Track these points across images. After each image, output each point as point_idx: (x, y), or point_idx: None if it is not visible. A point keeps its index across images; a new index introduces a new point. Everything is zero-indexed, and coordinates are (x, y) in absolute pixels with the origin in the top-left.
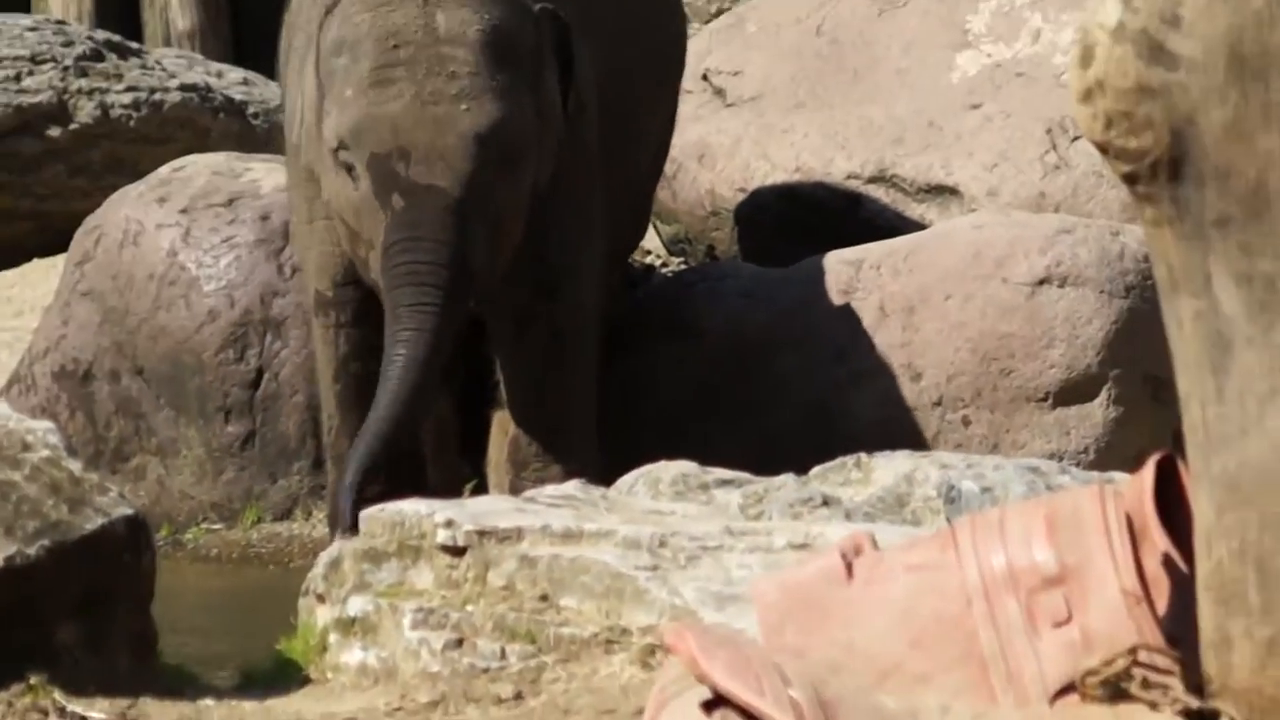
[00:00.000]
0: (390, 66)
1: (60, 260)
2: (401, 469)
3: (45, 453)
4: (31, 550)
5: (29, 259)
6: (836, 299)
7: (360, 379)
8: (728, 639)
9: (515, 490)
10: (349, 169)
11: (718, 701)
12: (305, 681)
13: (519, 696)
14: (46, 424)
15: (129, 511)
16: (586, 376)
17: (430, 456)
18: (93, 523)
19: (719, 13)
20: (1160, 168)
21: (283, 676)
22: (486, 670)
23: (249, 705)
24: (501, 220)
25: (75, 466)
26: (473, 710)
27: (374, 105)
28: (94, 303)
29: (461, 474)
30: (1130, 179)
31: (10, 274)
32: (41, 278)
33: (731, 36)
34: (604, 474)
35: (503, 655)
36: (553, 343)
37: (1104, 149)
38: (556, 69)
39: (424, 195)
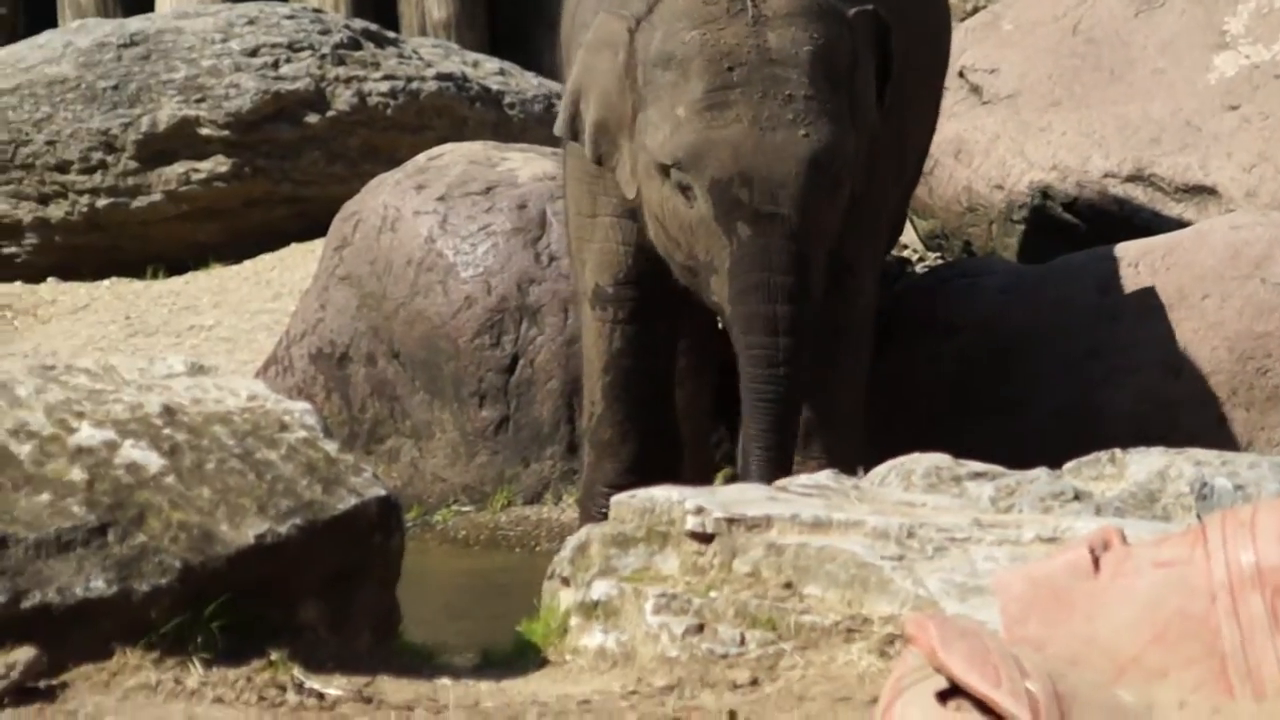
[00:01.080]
0: (726, 89)
1: (318, 245)
2: (658, 458)
3: (302, 433)
4: (283, 529)
5: (287, 243)
6: (1094, 297)
7: (630, 374)
8: (968, 630)
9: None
10: (684, 189)
11: (953, 691)
12: (544, 664)
13: (755, 683)
14: (304, 405)
15: (382, 492)
16: (861, 371)
17: (687, 447)
18: (345, 503)
19: (974, 10)
20: None
21: (521, 658)
22: (725, 656)
23: (485, 686)
24: (830, 237)
25: (331, 447)
26: (708, 695)
27: (712, 129)
28: (351, 287)
29: (715, 464)
30: None
31: (269, 258)
32: (299, 262)
33: (987, 34)
34: (864, 468)
35: (742, 642)
36: (833, 335)
37: None
38: (873, 70)
39: (769, 224)
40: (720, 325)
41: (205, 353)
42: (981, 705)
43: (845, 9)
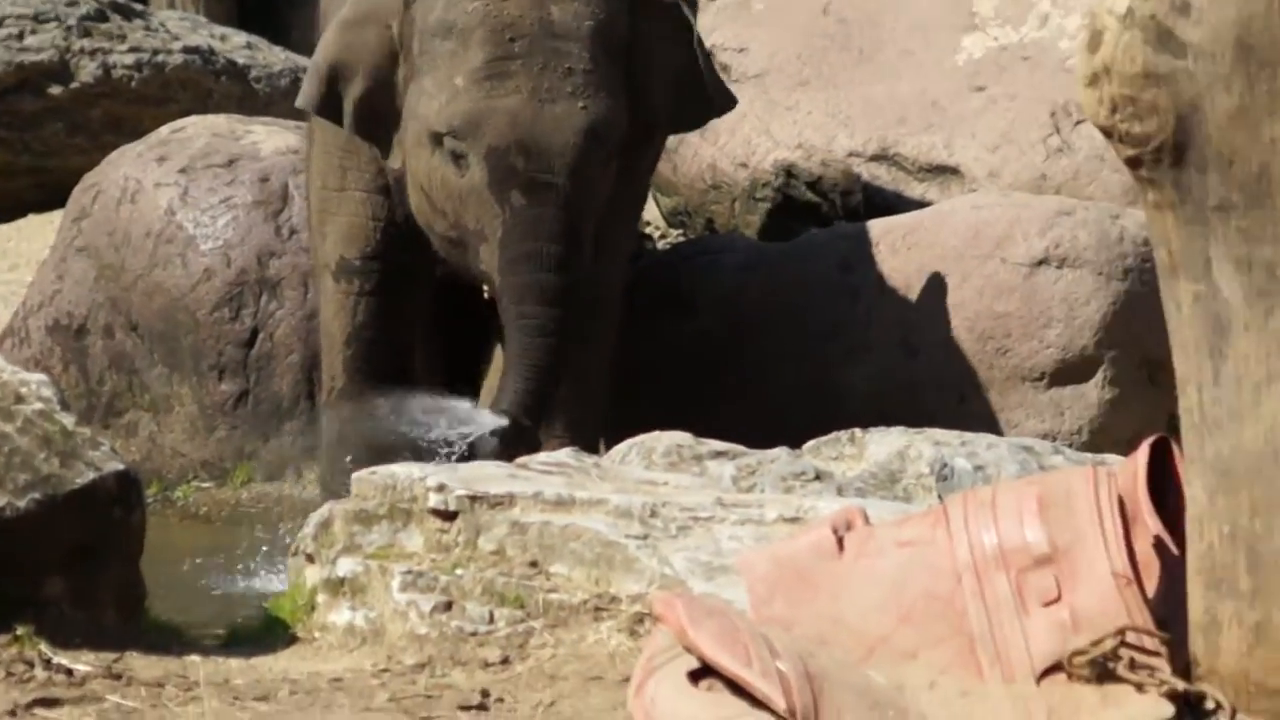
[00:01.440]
0: (506, 59)
1: (57, 216)
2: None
3: (38, 405)
4: (22, 503)
5: (26, 214)
6: (835, 275)
7: (372, 345)
8: (717, 609)
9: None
10: (457, 157)
11: (705, 671)
12: (292, 641)
13: (506, 661)
14: (40, 376)
15: (120, 466)
16: (606, 349)
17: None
18: (84, 477)
19: None
20: (1164, 153)
21: (270, 635)
22: (474, 634)
23: (235, 663)
24: (599, 210)
25: (68, 420)
26: (459, 673)
27: (491, 98)
28: (90, 259)
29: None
30: (1133, 163)
31: (6, 228)
32: (38, 232)
33: (738, 13)
34: (605, 445)
35: (491, 620)
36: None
37: (1108, 133)
38: (668, 56)
39: (544, 193)
40: (475, 296)
41: None
42: (733, 684)
43: None
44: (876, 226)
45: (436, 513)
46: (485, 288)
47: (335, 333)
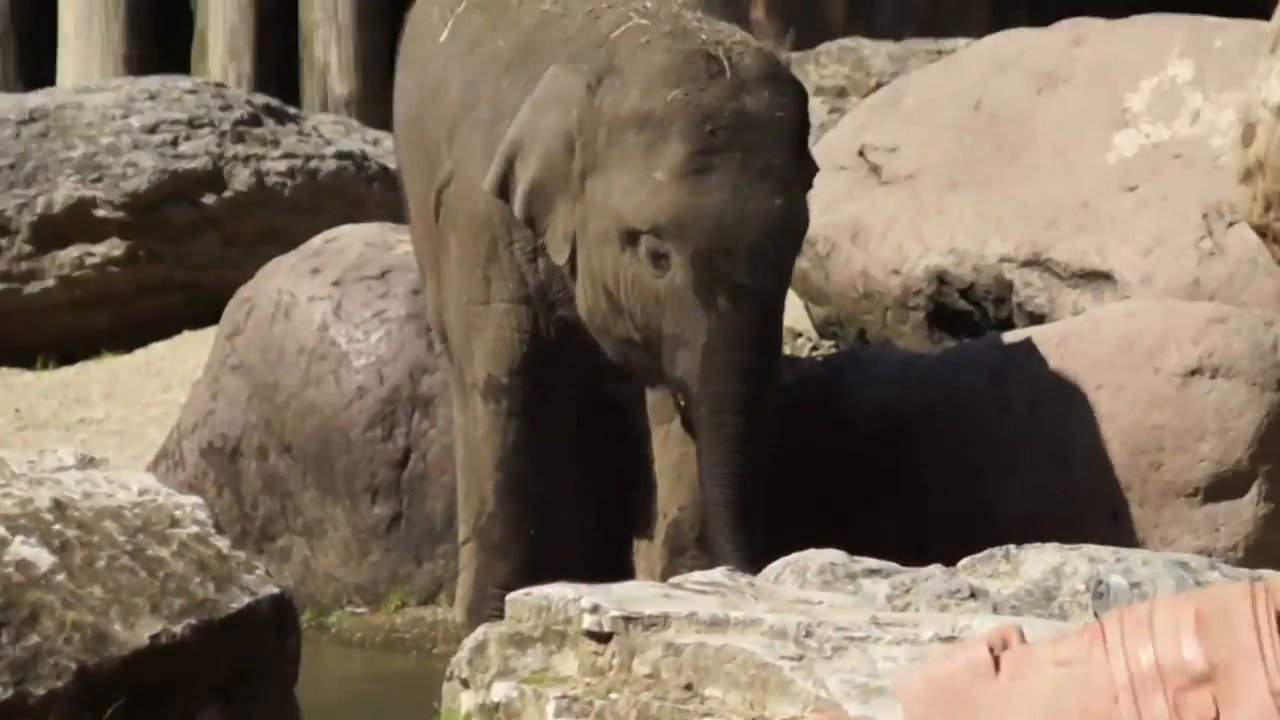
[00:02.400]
0: (708, 153)
1: (211, 333)
2: (551, 556)
3: (194, 529)
4: (177, 628)
5: (180, 331)
6: (987, 386)
7: (525, 470)
8: None
9: (667, 576)
10: (658, 257)
11: None
12: None
13: None
14: (195, 500)
15: (276, 590)
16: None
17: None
18: (239, 601)
19: (878, 85)
20: None
21: None
22: None
23: None
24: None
25: (223, 544)
26: None
27: (696, 195)
28: (243, 377)
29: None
30: None
31: (160, 347)
32: (192, 351)
33: (888, 112)
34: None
35: None
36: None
37: (1262, 232)
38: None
39: (749, 300)
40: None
41: (95, 446)
42: None
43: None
44: (1028, 336)
45: (591, 634)
46: (677, 394)
47: (485, 455)
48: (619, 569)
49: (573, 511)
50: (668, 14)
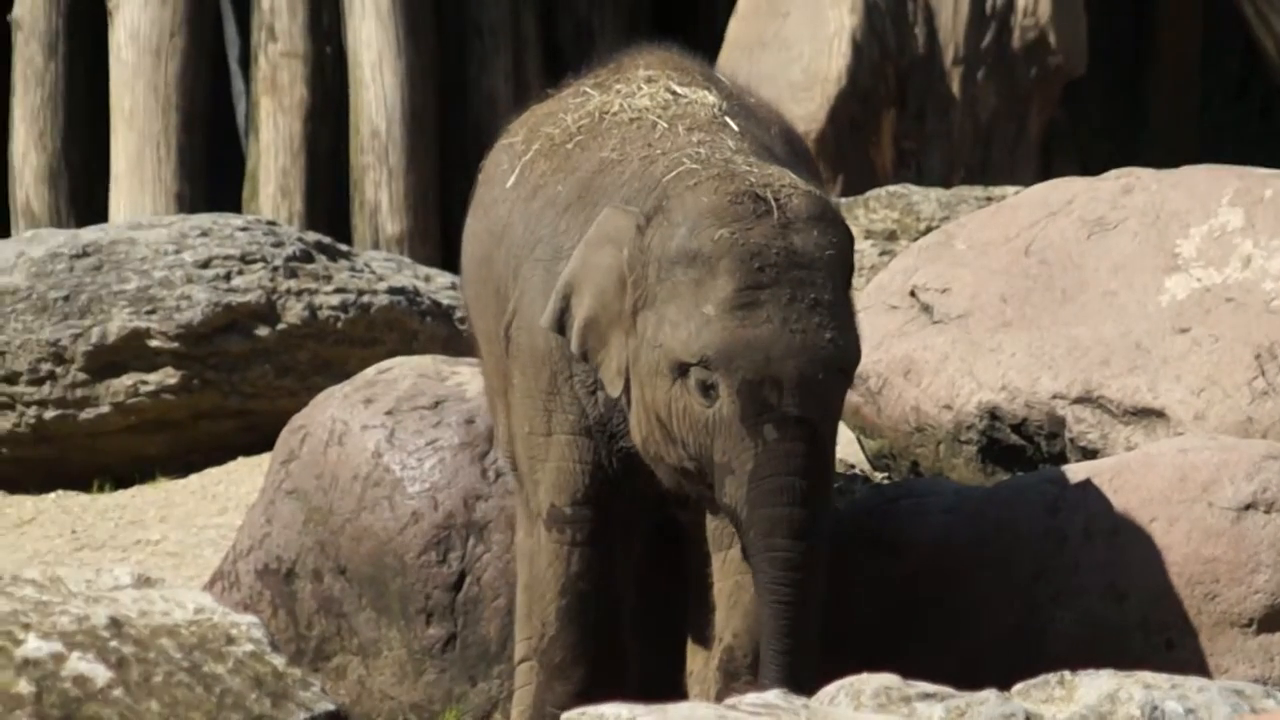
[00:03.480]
0: (756, 289)
1: (265, 459)
2: (610, 679)
3: (249, 647)
4: None
5: (234, 457)
6: (1042, 518)
7: (586, 597)
8: None
9: (721, 700)
10: (707, 388)
11: None
12: None
13: None
14: (251, 618)
15: (331, 707)
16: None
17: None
18: (296, 717)
19: (927, 230)
20: None
21: None
22: None
23: None
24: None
25: (279, 661)
26: None
27: (744, 328)
28: (298, 501)
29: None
30: None
31: (216, 471)
32: (246, 476)
33: (940, 254)
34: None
35: None
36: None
37: None
38: None
39: (796, 428)
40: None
41: (151, 568)
42: None
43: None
44: (1082, 470)
45: None
46: (731, 520)
47: (549, 581)
48: (676, 693)
49: (632, 636)
50: (720, 159)
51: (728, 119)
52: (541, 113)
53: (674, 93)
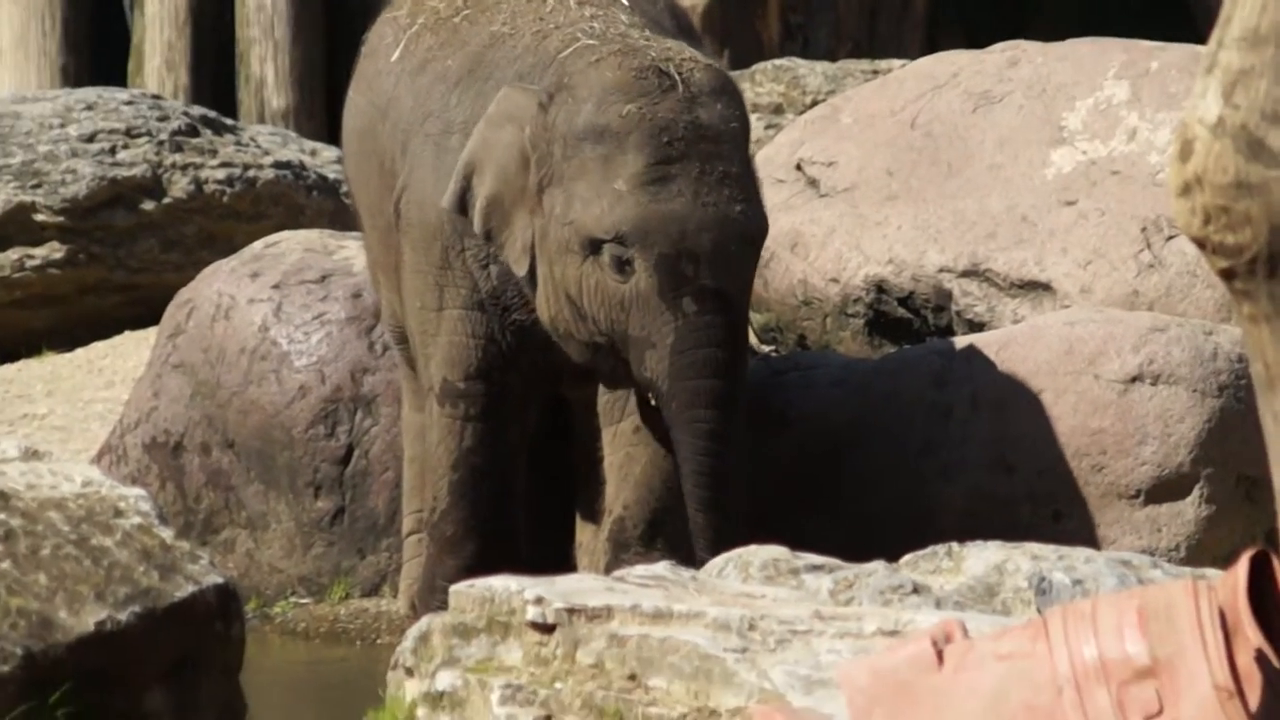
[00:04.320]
0: (666, 163)
1: (152, 333)
2: (501, 554)
3: (137, 520)
4: (122, 616)
5: (120, 331)
6: (928, 391)
7: (478, 470)
8: None
9: (610, 571)
10: (622, 263)
11: None
12: None
13: None
14: (138, 491)
15: (219, 580)
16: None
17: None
18: (183, 590)
19: (814, 104)
20: (1258, 264)
21: None
22: None
23: None
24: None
25: (167, 534)
26: None
27: (657, 203)
28: (185, 376)
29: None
30: (1227, 275)
31: (102, 345)
32: (133, 350)
33: (826, 127)
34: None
35: None
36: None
37: (1201, 244)
38: None
39: (714, 300)
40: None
41: (39, 441)
42: None
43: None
44: (969, 343)
45: (535, 626)
46: (650, 393)
47: (441, 456)
48: (564, 565)
49: (522, 509)
50: (615, 34)
51: None
52: None
53: None
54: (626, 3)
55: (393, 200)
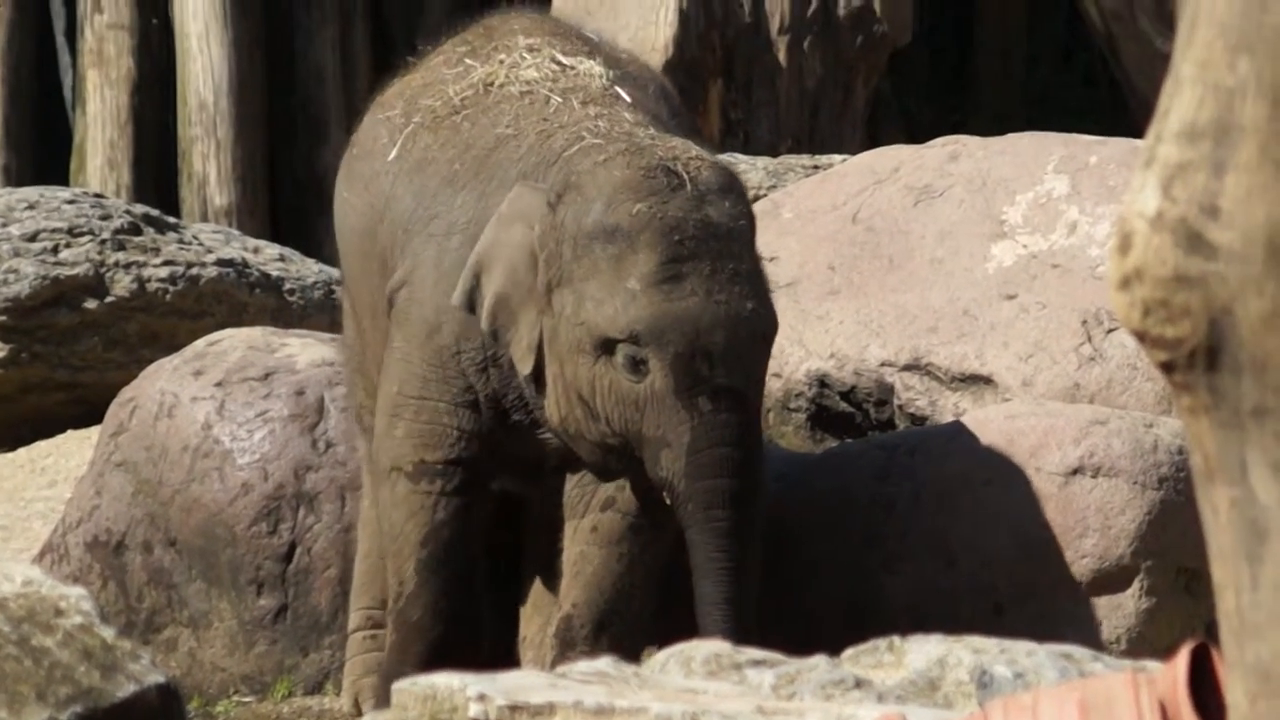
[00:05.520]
0: (678, 261)
1: (95, 432)
2: (464, 641)
3: (78, 619)
4: (64, 716)
5: (63, 430)
6: (871, 485)
7: (448, 546)
8: None
9: (555, 667)
10: (636, 363)
11: None
12: None
13: None
14: (79, 590)
15: (161, 679)
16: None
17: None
18: (125, 690)
19: (755, 198)
20: (1197, 356)
21: None
22: None
23: None
24: None
25: (108, 633)
26: None
27: (670, 302)
28: (128, 474)
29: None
30: (1167, 367)
31: (45, 444)
32: (76, 448)
33: (767, 223)
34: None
35: None
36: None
37: (1141, 337)
38: None
39: (728, 399)
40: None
41: None
42: None
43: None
44: (911, 436)
45: None
46: (665, 493)
47: (409, 534)
48: (509, 658)
49: (484, 598)
50: (620, 132)
51: (618, 89)
52: (416, 84)
53: (560, 63)
54: (629, 99)
55: (387, 292)
